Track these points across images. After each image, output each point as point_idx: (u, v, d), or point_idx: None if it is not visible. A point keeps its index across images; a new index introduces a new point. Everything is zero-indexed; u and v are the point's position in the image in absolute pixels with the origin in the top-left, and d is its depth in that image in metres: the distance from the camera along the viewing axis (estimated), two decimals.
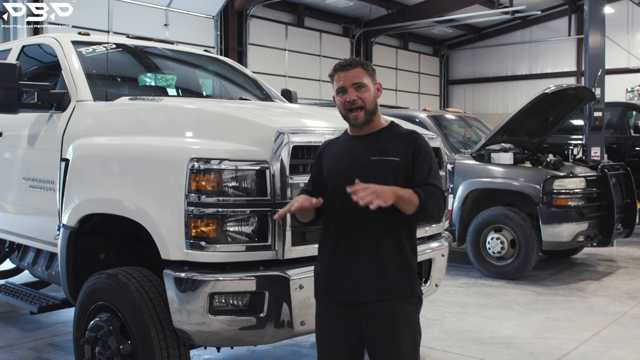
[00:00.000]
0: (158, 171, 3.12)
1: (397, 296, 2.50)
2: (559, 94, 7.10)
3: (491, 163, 7.31)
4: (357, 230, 2.50)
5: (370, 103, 2.54)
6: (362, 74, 2.54)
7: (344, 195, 2.42)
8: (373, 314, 2.50)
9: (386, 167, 2.47)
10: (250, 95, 4.99)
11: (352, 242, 2.51)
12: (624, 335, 5.05)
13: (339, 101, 2.56)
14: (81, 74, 4.09)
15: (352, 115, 2.53)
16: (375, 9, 20.91)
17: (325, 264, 2.58)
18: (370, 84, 2.56)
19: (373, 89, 2.57)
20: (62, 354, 4.54)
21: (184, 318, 2.96)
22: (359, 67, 2.54)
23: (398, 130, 2.62)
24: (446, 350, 4.66)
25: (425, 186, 2.45)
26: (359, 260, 2.50)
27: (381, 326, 2.50)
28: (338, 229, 2.53)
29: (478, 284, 6.82)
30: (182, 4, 16.38)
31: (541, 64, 24.79)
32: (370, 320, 2.51)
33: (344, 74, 2.53)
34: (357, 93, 2.51)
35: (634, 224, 7.74)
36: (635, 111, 10.96)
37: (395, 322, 2.50)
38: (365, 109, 2.52)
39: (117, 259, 3.73)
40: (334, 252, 2.54)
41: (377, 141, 2.56)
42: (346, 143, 2.62)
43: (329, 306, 2.57)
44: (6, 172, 4.48)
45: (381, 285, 2.49)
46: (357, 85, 2.52)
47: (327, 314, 2.58)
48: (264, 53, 19.02)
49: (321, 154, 2.67)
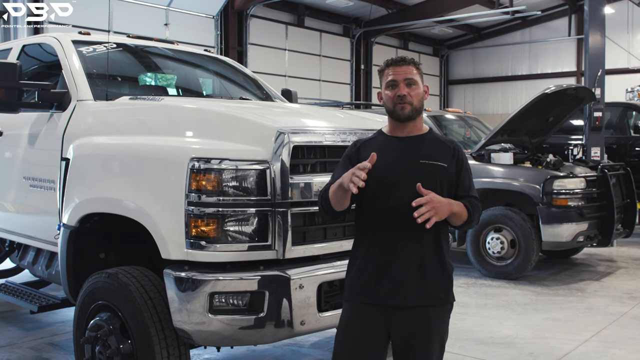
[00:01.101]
0: (158, 171, 3.12)
1: (434, 302, 2.51)
2: (559, 94, 7.10)
3: (491, 163, 7.32)
4: (400, 232, 2.47)
5: (419, 101, 2.55)
6: (413, 72, 2.55)
7: (388, 195, 2.44)
8: (408, 318, 2.48)
9: (435, 172, 2.48)
10: (250, 95, 4.99)
11: (394, 244, 2.48)
12: (624, 335, 5.05)
13: (387, 95, 2.56)
14: (82, 73, 4.09)
15: (399, 106, 2.52)
16: (376, 8, 20.90)
17: (362, 263, 2.55)
18: (420, 83, 2.57)
19: (422, 88, 2.58)
20: (62, 353, 4.54)
21: (184, 317, 2.96)
22: (411, 65, 2.56)
23: (439, 137, 2.65)
24: (446, 351, 4.64)
25: (469, 199, 2.54)
26: (400, 263, 2.47)
27: (414, 331, 2.48)
28: (380, 228, 2.51)
29: (478, 284, 6.82)
30: (183, 4, 16.38)
31: (541, 64, 24.78)
32: (403, 325, 2.48)
33: (397, 69, 2.54)
34: (407, 89, 2.52)
35: (634, 224, 7.74)
36: (635, 111, 10.97)
37: (429, 328, 2.49)
38: (413, 105, 2.53)
39: (117, 258, 3.73)
40: (373, 252, 2.52)
41: (422, 145, 2.56)
42: (389, 143, 2.59)
43: (360, 306, 2.54)
44: (6, 172, 4.49)
45: (421, 291, 2.48)
46: (408, 82, 2.53)
47: (357, 314, 2.54)
48: (264, 53, 19.02)
49: (357, 153, 2.60)
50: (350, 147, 2.68)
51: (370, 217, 2.54)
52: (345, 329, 2.57)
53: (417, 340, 2.48)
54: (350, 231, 3.34)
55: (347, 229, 3.34)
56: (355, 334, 2.54)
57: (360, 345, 2.53)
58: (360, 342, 2.53)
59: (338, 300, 3.18)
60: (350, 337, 2.55)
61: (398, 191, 2.46)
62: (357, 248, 2.61)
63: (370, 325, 2.51)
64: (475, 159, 7.42)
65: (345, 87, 22.16)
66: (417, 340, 2.48)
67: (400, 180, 2.46)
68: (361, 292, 2.54)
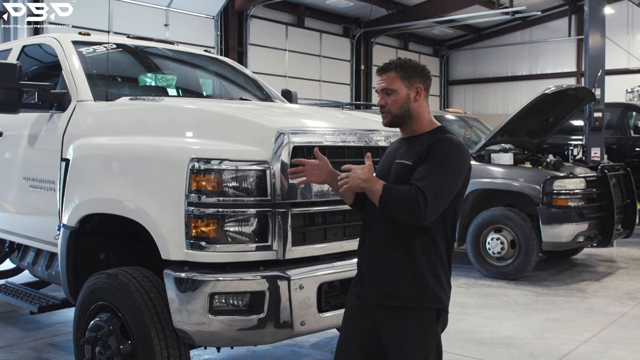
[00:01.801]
0: (158, 171, 3.12)
1: (407, 305, 2.47)
2: (559, 94, 7.11)
3: (491, 163, 7.32)
4: (375, 232, 2.56)
5: (398, 108, 2.54)
6: (393, 79, 2.54)
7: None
8: (383, 320, 2.52)
9: (402, 171, 2.50)
10: (250, 96, 4.99)
11: (370, 242, 2.58)
12: (624, 335, 5.05)
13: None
14: (82, 74, 4.09)
15: (381, 115, 2.62)
16: (376, 9, 20.90)
17: (359, 259, 2.67)
18: (401, 88, 2.53)
19: (405, 92, 2.53)
20: (62, 353, 4.54)
21: (184, 318, 2.96)
22: (392, 71, 2.56)
23: (436, 135, 2.53)
24: (446, 351, 4.62)
25: (408, 185, 2.40)
26: (372, 260, 2.56)
27: (389, 333, 2.51)
28: (365, 227, 2.64)
29: (478, 285, 6.82)
30: (183, 4, 16.38)
31: (541, 65, 24.77)
32: (382, 324, 2.53)
33: (379, 78, 2.61)
34: (386, 98, 2.57)
35: (634, 225, 7.75)
36: (635, 112, 10.97)
37: (402, 331, 2.48)
38: (392, 113, 2.56)
39: (118, 258, 3.73)
40: (361, 250, 2.63)
41: (409, 145, 2.59)
42: (394, 145, 2.71)
43: (353, 297, 2.65)
44: (6, 172, 4.49)
45: (383, 290, 2.51)
46: (386, 91, 2.57)
47: (354, 305, 2.64)
48: (264, 53, 19.01)
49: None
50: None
51: (364, 215, 2.67)
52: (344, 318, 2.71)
53: (392, 343, 2.51)
54: (350, 231, 3.35)
55: (347, 230, 3.35)
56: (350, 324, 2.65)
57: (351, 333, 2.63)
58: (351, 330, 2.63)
59: (338, 301, 3.20)
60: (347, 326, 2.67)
61: None
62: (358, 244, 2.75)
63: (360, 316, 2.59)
64: (476, 159, 7.42)
65: (345, 88, 22.16)
66: (392, 343, 2.51)
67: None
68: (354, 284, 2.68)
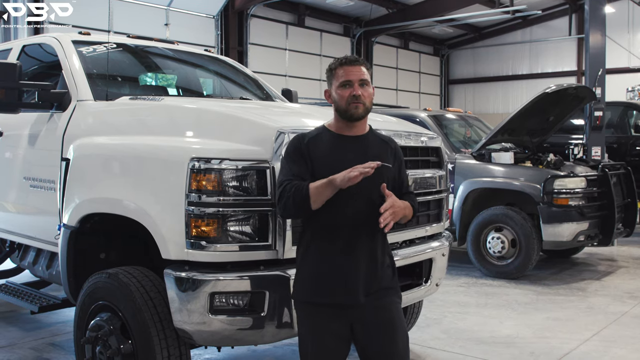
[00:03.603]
0: (158, 171, 3.12)
1: (389, 293, 2.61)
2: (559, 93, 7.10)
3: (492, 163, 7.31)
4: (352, 232, 2.53)
5: (370, 102, 2.62)
6: (365, 73, 2.61)
7: (338, 197, 2.46)
8: (366, 311, 2.54)
9: (383, 172, 2.50)
10: (250, 95, 4.99)
11: (347, 243, 2.53)
12: (625, 334, 5.05)
13: (339, 94, 2.57)
14: (82, 73, 4.09)
15: (353, 105, 2.55)
16: (376, 8, 20.90)
17: (314, 264, 2.57)
18: (370, 84, 2.64)
19: (372, 89, 2.65)
20: (62, 353, 4.54)
21: (185, 317, 2.96)
22: (363, 65, 2.62)
23: (379, 135, 2.73)
24: (446, 350, 4.65)
25: (411, 196, 2.70)
26: (353, 261, 2.53)
27: (377, 324, 2.55)
28: (331, 229, 2.53)
29: (478, 284, 6.82)
30: (183, 4, 16.38)
31: (542, 64, 24.77)
32: (363, 318, 2.55)
33: (352, 68, 2.58)
34: (361, 89, 2.57)
35: (635, 224, 7.74)
36: (635, 111, 10.97)
37: (391, 318, 2.58)
38: (366, 105, 2.58)
39: (118, 258, 3.72)
40: (326, 252, 2.54)
41: (368, 145, 2.62)
42: (335, 141, 2.60)
43: (318, 307, 2.56)
44: (7, 172, 4.48)
45: (376, 285, 2.56)
46: (362, 82, 2.58)
47: (316, 315, 2.56)
48: (264, 53, 19.02)
49: (306, 148, 2.57)
50: (297, 140, 2.62)
51: (319, 217, 2.53)
52: (304, 329, 2.60)
53: (382, 332, 2.55)
54: None
55: None
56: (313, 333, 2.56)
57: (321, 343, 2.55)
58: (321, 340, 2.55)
59: None
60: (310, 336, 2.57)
61: (350, 193, 2.47)
62: (306, 249, 2.61)
63: (327, 324, 2.54)
64: (476, 158, 7.42)
65: None
66: (382, 332, 2.55)
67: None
68: (312, 293, 2.56)
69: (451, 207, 7.21)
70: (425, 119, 7.85)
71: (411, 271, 3.74)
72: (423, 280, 3.80)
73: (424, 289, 3.80)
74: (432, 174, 3.87)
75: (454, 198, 7.25)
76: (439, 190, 3.93)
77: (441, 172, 3.96)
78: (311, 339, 2.57)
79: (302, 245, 2.64)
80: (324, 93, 2.69)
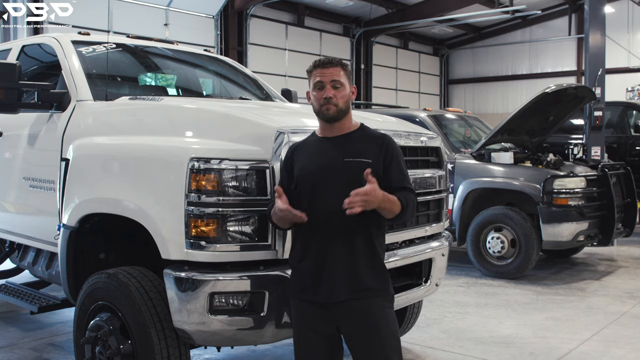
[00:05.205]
0: (158, 171, 3.11)
1: (372, 294, 2.58)
2: (559, 93, 7.10)
3: (491, 162, 7.32)
4: (329, 232, 2.55)
5: (345, 102, 2.62)
6: (340, 74, 2.62)
7: (314, 197, 2.52)
8: (349, 313, 2.56)
9: (359, 169, 2.49)
10: (250, 95, 4.99)
11: (324, 244, 2.56)
12: (625, 334, 5.05)
13: (313, 96, 2.63)
14: (81, 73, 4.09)
15: (324, 107, 2.59)
16: (376, 8, 20.90)
17: (299, 264, 2.64)
18: (346, 84, 2.64)
19: (348, 89, 2.65)
20: (62, 353, 4.54)
21: (184, 318, 2.96)
22: (338, 66, 2.63)
23: (369, 132, 2.71)
24: (446, 350, 4.66)
25: (403, 192, 2.57)
26: (331, 262, 2.55)
27: (359, 324, 2.56)
28: (309, 227, 2.57)
29: (478, 284, 6.82)
30: (182, 4, 16.38)
31: (541, 64, 24.78)
32: (347, 319, 2.57)
33: (324, 70, 2.61)
34: (333, 91, 2.59)
35: (634, 224, 7.75)
36: (635, 110, 10.97)
37: (373, 318, 2.56)
38: (338, 106, 2.59)
39: (117, 258, 3.73)
40: (307, 254, 2.60)
41: (348, 143, 2.63)
42: (317, 144, 2.67)
43: (306, 304, 2.62)
44: (6, 172, 4.48)
45: (355, 286, 2.56)
46: (334, 84, 2.60)
47: (305, 312, 2.63)
48: (264, 53, 19.02)
49: (290, 156, 2.73)
50: (288, 149, 2.77)
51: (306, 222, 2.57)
52: (295, 326, 2.68)
53: (364, 333, 2.55)
54: None
55: None
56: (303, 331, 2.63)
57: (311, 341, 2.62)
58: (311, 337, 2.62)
59: None
60: (301, 334, 2.65)
61: (324, 192, 2.54)
62: (293, 249, 2.70)
63: (316, 322, 2.60)
64: (476, 158, 7.42)
65: None
66: (365, 332, 2.55)
67: (327, 182, 2.55)
68: (299, 291, 2.65)
69: (451, 207, 7.21)
70: (425, 119, 7.85)
71: (411, 271, 3.74)
72: (423, 280, 3.79)
73: (423, 289, 3.80)
74: (432, 174, 3.87)
75: (454, 198, 7.25)
76: (439, 190, 3.93)
77: (441, 172, 3.96)
78: (297, 333, 2.67)
79: (292, 245, 2.74)
80: (306, 95, 2.73)
